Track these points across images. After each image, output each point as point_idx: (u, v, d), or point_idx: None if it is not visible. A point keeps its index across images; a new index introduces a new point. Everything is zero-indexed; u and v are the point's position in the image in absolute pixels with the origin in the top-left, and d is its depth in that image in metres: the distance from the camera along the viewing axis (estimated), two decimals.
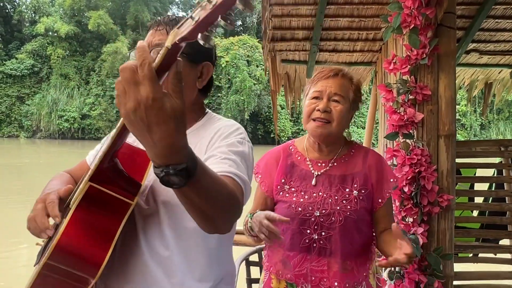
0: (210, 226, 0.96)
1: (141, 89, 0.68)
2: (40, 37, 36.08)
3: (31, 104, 35.00)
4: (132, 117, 0.70)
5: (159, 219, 1.17)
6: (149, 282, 1.16)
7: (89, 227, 1.03)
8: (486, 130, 35.39)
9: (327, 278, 1.53)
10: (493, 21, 2.98)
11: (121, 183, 1.07)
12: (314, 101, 1.59)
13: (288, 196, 1.60)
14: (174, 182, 0.78)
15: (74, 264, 1.02)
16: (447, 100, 2.27)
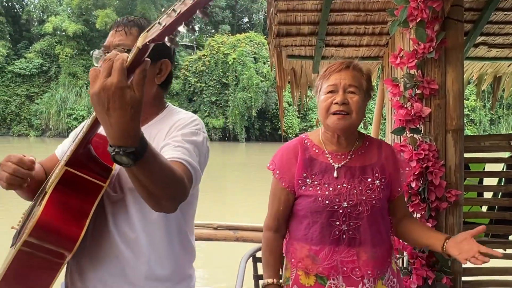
0: (154, 204, 1.08)
1: (109, 78, 0.83)
2: (48, 36, 36.27)
3: (40, 103, 35.23)
4: (95, 98, 0.84)
5: (126, 204, 1.30)
6: (120, 261, 1.29)
7: (66, 207, 1.15)
8: (496, 125, 35.03)
9: (358, 267, 1.58)
10: (502, 13, 2.93)
11: (94, 167, 1.19)
12: (330, 95, 1.60)
13: (311, 189, 1.61)
14: (123, 161, 0.90)
15: (53, 239, 1.14)
16: (455, 94, 2.24)
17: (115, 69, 0.83)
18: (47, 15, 37.40)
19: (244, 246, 3.10)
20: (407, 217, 1.78)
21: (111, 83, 0.83)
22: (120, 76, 0.83)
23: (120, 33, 1.32)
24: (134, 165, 0.91)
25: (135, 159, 0.90)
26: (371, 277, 1.59)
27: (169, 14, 0.82)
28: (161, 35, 0.83)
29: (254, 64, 33.81)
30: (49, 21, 35.90)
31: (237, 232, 3.23)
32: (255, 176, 17.93)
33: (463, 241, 1.54)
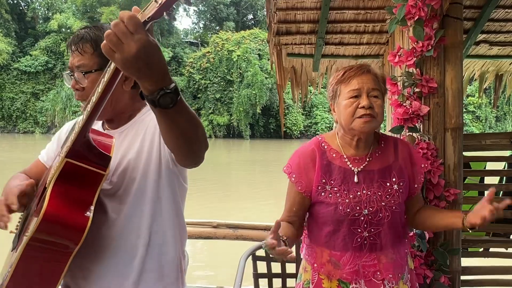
0: (192, 151, 1.13)
1: (139, 35, 0.87)
2: (53, 33, 36.45)
3: (45, 100, 35.42)
4: (133, 59, 0.88)
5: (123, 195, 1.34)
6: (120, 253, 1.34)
7: (69, 198, 1.17)
8: (502, 122, 34.82)
9: (380, 271, 1.61)
10: (503, 11, 2.90)
11: (93, 157, 1.21)
12: (354, 100, 1.58)
13: (331, 196, 1.61)
14: (167, 102, 0.95)
15: (60, 231, 1.16)
16: (454, 92, 2.23)
17: (137, 26, 0.86)
18: (52, 13, 37.54)
19: (243, 244, 3.11)
20: (422, 207, 1.82)
21: (146, 39, 0.87)
22: (145, 30, 0.88)
23: (75, 53, 1.34)
24: (176, 102, 0.95)
25: (177, 94, 0.95)
26: (392, 279, 1.62)
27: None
28: (158, 11, 0.86)
29: (258, 61, 33.78)
30: (54, 18, 36.05)
31: (237, 231, 3.24)
32: (260, 174, 17.94)
33: (481, 209, 1.55)
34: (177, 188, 1.42)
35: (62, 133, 1.57)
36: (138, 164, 1.34)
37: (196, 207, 8.10)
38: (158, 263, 1.38)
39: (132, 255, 1.35)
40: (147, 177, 1.34)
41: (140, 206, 1.35)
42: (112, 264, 1.34)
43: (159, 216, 1.38)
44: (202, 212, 8.16)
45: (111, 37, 0.87)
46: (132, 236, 1.35)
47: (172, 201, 1.41)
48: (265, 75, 33.05)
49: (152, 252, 1.36)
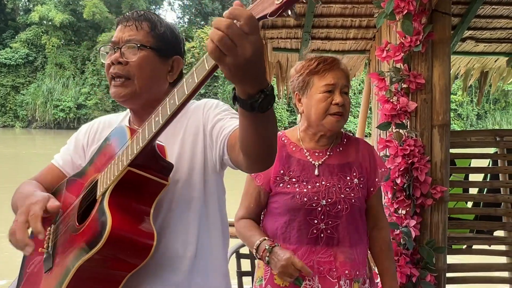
0: (270, 154, 1.05)
1: (255, 38, 0.79)
2: (34, 26, 35.70)
3: (26, 93, 34.72)
4: (246, 62, 0.79)
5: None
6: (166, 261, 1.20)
7: (129, 211, 1.07)
8: (483, 120, 35.39)
9: (336, 268, 1.55)
10: (489, 7, 2.90)
11: (158, 166, 1.11)
12: (328, 95, 1.56)
13: (289, 187, 1.58)
14: (267, 105, 0.87)
15: (127, 249, 1.04)
16: (441, 88, 2.21)
17: (254, 27, 0.78)
18: (33, 4, 36.79)
19: None
20: (380, 229, 1.70)
21: (260, 41, 0.81)
22: (259, 31, 0.81)
23: (130, 28, 1.25)
24: (272, 105, 0.89)
25: (273, 96, 0.88)
26: (347, 278, 1.56)
27: None
28: (277, 10, 0.77)
29: None
30: (35, 10, 35.30)
31: None
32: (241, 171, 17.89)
33: None
34: (222, 194, 1.32)
35: (80, 136, 1.42)
36: (181, 167, 1.23)
37: None
38: (204, 277, 1.24)
39: (177, 267, 1.21)
40: (192, 182, 1.23)
41: (185, 213, 1.23)
42: (156, 278, 1.20)
43: (207, 225, 1.25)
44: None
45: (225, 40, 0.77)
46: (177, 246, 1.21)
47: (218, 208, 1.29)
48: None
49: (198, 266, 1.23)
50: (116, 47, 1.24)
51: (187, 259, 1.21)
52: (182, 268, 1.21)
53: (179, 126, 1.27)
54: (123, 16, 1.29)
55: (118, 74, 1.23)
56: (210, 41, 0.79)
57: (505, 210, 2.83)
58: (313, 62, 1.61)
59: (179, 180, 1.22)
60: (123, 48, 1.23)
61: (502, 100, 34.64)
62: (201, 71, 0.88)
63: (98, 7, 34.67)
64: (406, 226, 2.15)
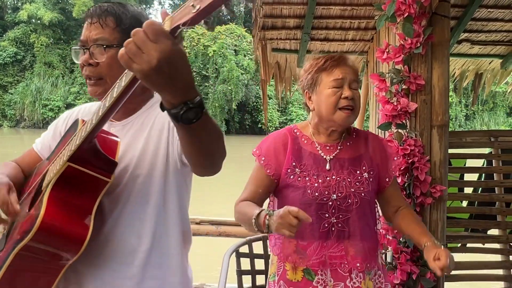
0: (212, 163, 1.06)
1: (162, 45, 0.77)
2: (23, 24, 35.32)
3: (14, 93, 34.37)
4: (154, 71, 0.78)
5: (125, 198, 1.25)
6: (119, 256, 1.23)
7: (68, 205, 1.08)
8: (471, 121, 35.83)
9: (347, 261, 1.58)
10: (485, 10, 2.96)
11: (98, 162, 1.13)
12: (336, 90, 1.58)
13: (300, 180, 1.60)
14: (192, 117, 0.86)
15: (58, 242, 1.07)
16: (441, 90, 2.25)
17: (160, 33, 0.78)
18: (22, 3, 36.40)
19: (226, 241, 3.08)
20: (403, 208, 1.73)
21: (169, 48, 0.78)
22: (169, 38, 0.79)
23: (95, 25, 1.24)
24: (201, 116, 0.87)
25: (202, 108, 0.87)
26: (359, 271, 1.59)
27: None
28: (195, 19, 0.77)
29: (234, 57, 33.65)
30: (23, 8, 34.96)
31: (219, 227, 3.21)
32: (234, 170, 17.90)
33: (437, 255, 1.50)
34: (184, 191, 1.33)
35: (60, 122, 1.44)
36: (142, 162, 1.25)
37: None
38: (159, 271, 1.26)
39: (131, 260, 1.23)
40: (152, 177, 1.25)
41: (143, 208, 1.24)
42: (108, 270, 1.22)
43: (164, 221, 1.27)
44: None
45: (130, 45, 0.79)
46: (132, 240, 1.23)
47: (178, 205, 1.30)
48: (241, 71, 32.95)
49: (152, 260, 1.25)
50: (84, 47, 1.25)
51: (141, 252, 1.23)
52: (136, 261, 1.23)
53: (147, 121, 1.29)
54: (88, 12, 1.28)
55: (89, 76, 1.25)
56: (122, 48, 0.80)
57: (499, 209, 2.89)
58: (320, 60, 1.64)
59: (140, 175, 1.24)
60: (91, 48, 1.23)
61: (490, 101, 35.11)
62: (128, 76, 0.91)
63: (88, 6, 34.14)
64: None
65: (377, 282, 1.66)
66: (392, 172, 1.71)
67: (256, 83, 34.67)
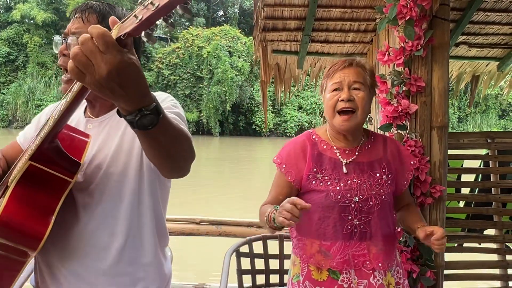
0: (176, 167, 1.07)
1: (111, 56, 0.76)
2: (15, 24, 35.07)
3: (6, 93, 34.09)
4: (104, 82, 0.78)
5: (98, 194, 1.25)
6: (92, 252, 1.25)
7: (30, 203, 1.09)
8: (463, 123, 36.10)
9: (369, 260, 1.62)
10: (483, 13, 3.00)
11: (61, 162, 1.13)
12: (335, 93, 1.63)
13: (322, 185, 1.64)
14: (147, 123, 0.87)
15: (16, 238, 1.07)
16: (440, 91, 2.28)
17: (109, 44, 0.77)
18: (15, 2, 36.14)
19: (227, 241, 3.10)
20: (409, 204, 1.87)
21: (119, 59, 0.77)
22: (118, 49, 0.78)
23: (77, 20, 1.26)
24: (157, 123, 0.88)
25: (158, 114, 0.88)
26: (381, 270, 1.63)
27: (146, 6, 0.77)
28: (136, 29, 0.77)
29: (229, 58, 33.64)
30: (16, 8, 34.70)
31: (220, 227, 3.22)
32: (229, 171, 17.89)
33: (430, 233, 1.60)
34: (158, 190, 1.33)
35: (42, 116, 1.45)
36: (117, 160, 1.26)
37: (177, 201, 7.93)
38: (132, 267, 1.28)
39: (103, 256, 1.25)
40: (126, 176, 1.26)
41: (116, 206, 1.26)
42: (82, 265, 1.24)
43: (138, 219, 1.28)
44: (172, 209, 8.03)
45: (79, 57, 0.77)
46: (105, 237, 1.25)
47: (153, 203, 1.32)
48: (235, 72, 32.95)
49: (125, 257, 1.27)
50: (65, 38, 1.27)
51: (113, 249, 1.25)
52: (108, 258, 1.24)
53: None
54: (74, 8, 1.31)
55: (63, 66, 1.26)
56: (70, 60, 0.78)
57: (496, 209, 2.93)
58: (328, 67, 1.71)
59: (113, 173, 1.25)
60: (68, 39, 1.24)
61: (483, 104, 35.39)
62: (77, 87, 0.92)
63: None
64: None
65: (397, 278, 1.72)
66: (409, 176, 1.77)
67: (250, 84, 34.68)
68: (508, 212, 2.94)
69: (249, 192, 12.05)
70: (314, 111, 34.99)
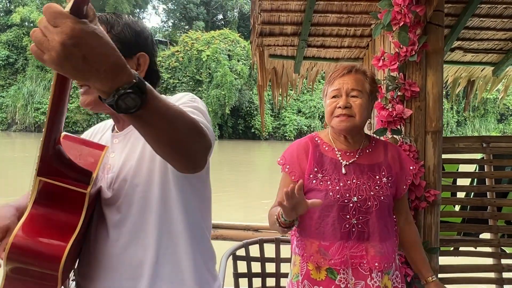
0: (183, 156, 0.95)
1: (63, 27, 0.70)
2: (15, 27, 35.12)
3: (6, 96, 34.10)
4: (62, 56, 0.71)
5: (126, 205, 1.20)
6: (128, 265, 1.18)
7: (47, 223, 1.01)
8: (462, 127, 36.15)
9: (367, 261, 1.66)
10: (478, 19, 3.03)
11: (69, 172, 1.04)
12: (334, 100, 1.70)
13: (322, 184, 1.69)
14: (130, 105, 0.78)
15: (33, 261, 0.99)
16: (435, 96, 2.31)
17: (62, 15, 0.71)
18: (15, 6, 36.19)
19: (224, 244, 3.10)
20: (407, 224, 1.91)
21: (67, 29, 0.70)
22: (73, 18, 0.72)
23: None
24: (142, 104, 0.78)
25: (141, 93, 0.78)
26: (378, 271, 1.66)
27: None
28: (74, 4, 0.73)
29: (228, 62, 33.69)
30: (16, 11, 34.73)
31: (216, 230, 3.23)
32: (228, 175, 17.88)
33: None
34: (192, 198, 1.25)
35: None
36: (140, 171, 1.20)
37: None
38: (171, 284, 1.20)
39: (138, 275, 1.18)
40: (151, 184, 1.19)
41: (144, 218, 1.19)
42: (115, 285, 1.18)
43: (168, 229, 1.20)
44: None
45: (36, 33, 0.72)
46: (137, 253, 1.17)
47: (185, 211, 1.22)
48: (235, 76, 32.99)
49: (163, 271, 1.19)
50: None
51: (147, 265, 1.17)
52: (144, 274, 1.17)
53: None
54: None
55: (80, 83, 1.16)
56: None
57: (491, 213, 2.94)
58: (330, 73, 1.77)
59: (138, 184, 1.19)
60: None
61: (481, 108, 35.46)
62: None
63: None
64: None
65: (395, 282, 1.74)
66: (408, 181, 1.81)
67: (249, 88, 34.71)
68: (503, 216, 2.95)
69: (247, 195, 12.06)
70: (313, 114, 35.04)
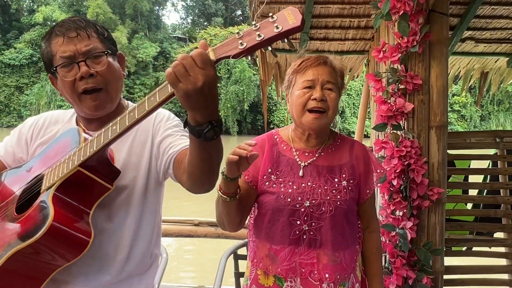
0: (211, 181, 1.16)
1: (207, 71, 0.90)
2: (38, 26, 35.83)
3: (30, 94, 34.85)
4: (194, 92, 0.90)
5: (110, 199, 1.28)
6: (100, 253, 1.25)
7: (71, 208, 1.12)
8: (486, 121, 35.23)
9: (317, 270, 1.52)
10: (489, 7, 2.88)
11: (106, 170, 1.18)
12: (307, 91, 1.52)
13: (275, 186, 1.55)
14: (211, 135, 0.99)
15: (62, 244, 1.09)
16: (439, 89, 2.19)
17: (208, 62, 0.90)
18: (37, 5, 36.95)
19: (224, 243, 3.05)
20: (371, 232, 1.68)
21: (213, 74, 0.91)
22: (214, 67, 0.91)
23: (79, 38, 1.22)
24: (217, 136, 1.00)
25: (221, 128, 1.00)
26: (330, 282, 1.52)
27: (251, 34, 0.89)
28: (239, 54, 0.90)
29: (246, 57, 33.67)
30: (39, 11, 35.44)
31: (218, 229, 3.17)
32: None
33: None
34: (160, 200, 1.39)
35: (24, 129, 1.41)
36: (125, 175, 1.28)
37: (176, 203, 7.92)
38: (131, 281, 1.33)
39: (107, 269, 1.27)
40: (134, 190, 1.29)
41: (123, 219, 1.28)
42: (84, 278, 1.24)
43: (141, 231, 1.32)
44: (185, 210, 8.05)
45: (179, 67, 0.89)
46: (109, 250, 1.27)
47: (155, 214, 1.37)
48: (253, 72, 32.90)
49: (129, 269, 1.30)
50: (76, 61, 1.22)
51: (117, 262, 1.27)
52: (112, 271, 1.26)
53: (128, 133, 1.25)
54: (61, 29, 1.24)
55: (94, 87, 1.23)
56: (169, 68, 0.91)
57: (504, 212, 2.82)
58: (298, 62, 1.59)
59: (122, 186, 1.27)
60: (87, 60, 1.22)
61: (506, 102, 34.51)
62: (163, 93, 0.98)
63: (102, 8, 34.74)
64: (402, 228, 2.13)
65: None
66: (373, 185, 1.63)
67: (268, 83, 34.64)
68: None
69: None
70: None
